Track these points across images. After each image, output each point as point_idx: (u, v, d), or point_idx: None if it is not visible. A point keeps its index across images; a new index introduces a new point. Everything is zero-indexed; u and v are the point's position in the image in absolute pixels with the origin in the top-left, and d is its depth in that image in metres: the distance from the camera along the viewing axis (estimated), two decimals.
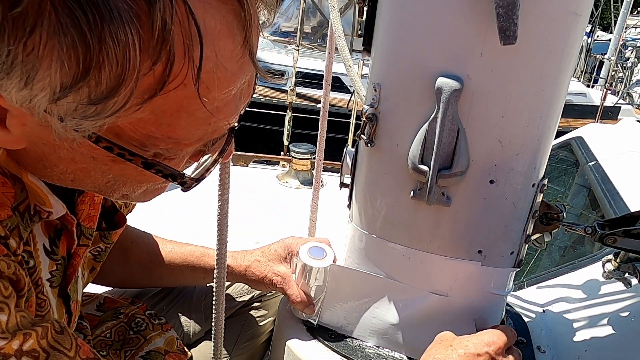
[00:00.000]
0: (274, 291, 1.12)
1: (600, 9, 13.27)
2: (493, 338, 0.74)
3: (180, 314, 1.02)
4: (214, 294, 0.77)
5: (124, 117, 0.43)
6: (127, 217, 1.04)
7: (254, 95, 0.55)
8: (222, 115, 0.50)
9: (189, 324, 1.01)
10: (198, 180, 0.56)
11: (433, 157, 0.69)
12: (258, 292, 1.11)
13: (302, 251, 0.91)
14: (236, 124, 0.56)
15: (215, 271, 0.73)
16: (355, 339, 0.87)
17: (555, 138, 0.80)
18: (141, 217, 1.08)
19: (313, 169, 1.65)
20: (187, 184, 0.55)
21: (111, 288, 1.06)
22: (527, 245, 0.82)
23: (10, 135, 0.47)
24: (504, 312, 0.90)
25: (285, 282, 0.92)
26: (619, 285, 0.99)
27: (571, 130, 2.12)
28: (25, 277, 0.52)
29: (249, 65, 0.48)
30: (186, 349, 0.95)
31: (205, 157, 0.59)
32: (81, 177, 0.53)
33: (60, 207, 0.59)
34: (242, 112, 0.55)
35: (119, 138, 0.46)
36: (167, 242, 1.00)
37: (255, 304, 1.10)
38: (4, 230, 0.51)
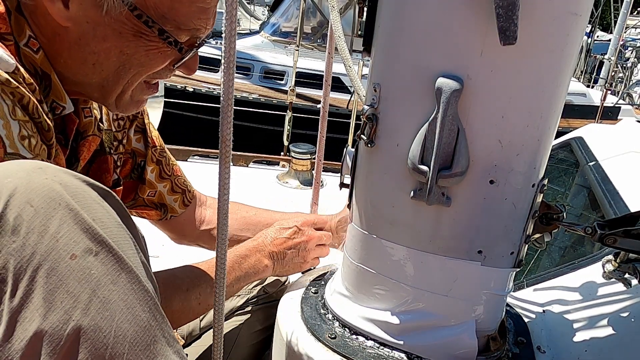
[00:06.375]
0: (272, 291, 1.12)
1: (600, 9, 13.26)
2: (300, 218, 1.08)
3: None
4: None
5: None
6: None
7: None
8: (205, 16, 0.71)
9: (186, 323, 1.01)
10: (188, 51, 0.73)
11: (433, 157, 0.69)
12: (258, 291, 1.11)
13: None
14: (205, 41, 0.76)
15: (215, 271, 0.72)
16: (356, 339, 0.87)
17: (555, 138, 0.80)
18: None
19: (313, 169, 1.65)
20: (183, 50, 0.72)
21: None
22: (527, 246, 0.82)
23: (67, 12, 0.63)
24: (504, 312, 0.90)
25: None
26: (619, 286, 0.98)
27: (571, 130, 2.11)
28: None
29: None
30: (179, 336, 0.95)
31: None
32: (101, 60, 0.69)
33: (71, 105, 0.73)
34: (208, 33, 0.75)
35: (146, 9, 0.66)
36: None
37: (256, 304, 1.10)
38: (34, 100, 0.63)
